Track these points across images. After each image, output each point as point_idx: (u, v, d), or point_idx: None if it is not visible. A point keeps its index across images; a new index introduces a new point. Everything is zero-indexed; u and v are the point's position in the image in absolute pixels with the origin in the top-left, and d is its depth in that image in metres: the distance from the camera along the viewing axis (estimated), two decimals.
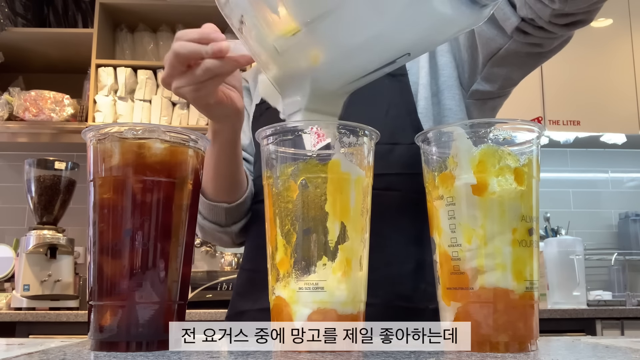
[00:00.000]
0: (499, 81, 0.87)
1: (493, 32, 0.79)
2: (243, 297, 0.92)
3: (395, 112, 0.85)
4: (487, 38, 0.80)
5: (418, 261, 0.81)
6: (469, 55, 0.87)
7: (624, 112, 2.83)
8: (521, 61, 0.83)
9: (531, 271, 0.52)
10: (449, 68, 0.91)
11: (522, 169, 0.52)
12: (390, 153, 0.82)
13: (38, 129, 2.69)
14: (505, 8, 0.75)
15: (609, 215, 3.12)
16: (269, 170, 0.55)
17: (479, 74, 0.87)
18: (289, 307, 0.51)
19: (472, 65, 0.87)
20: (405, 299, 0.80)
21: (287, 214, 0.52)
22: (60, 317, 2.08)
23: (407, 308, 0.80)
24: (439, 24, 0.48)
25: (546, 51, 0.80)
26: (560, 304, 2.33)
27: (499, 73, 0.85)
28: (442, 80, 0.90)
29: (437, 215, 0.55)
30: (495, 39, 0.79)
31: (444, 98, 0.88)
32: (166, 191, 0.54)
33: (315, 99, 0.55)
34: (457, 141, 0.53)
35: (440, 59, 0.91)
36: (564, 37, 0.78)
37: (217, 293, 2.28)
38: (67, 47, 2.80)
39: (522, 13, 0.73)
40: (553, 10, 0.68)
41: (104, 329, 0.51)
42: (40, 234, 2.30)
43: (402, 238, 0.82)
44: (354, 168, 0.53)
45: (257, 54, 0.57)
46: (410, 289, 0.81)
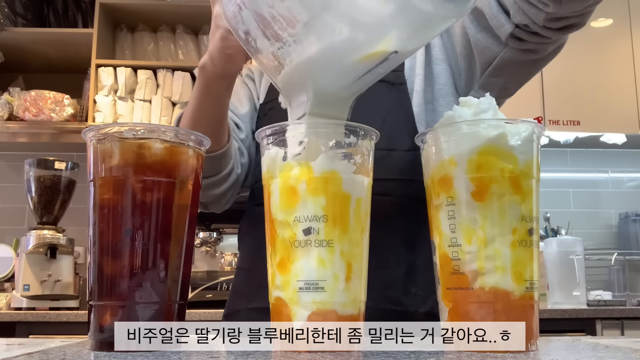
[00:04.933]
0: (495, 90, 0.87)
1: (488, 41, 0.80)
2: (238, 296, 0.93)
3: (393, 119, 0.86)
4: (483, 47, 0.81)
5: (410, 266, 0.82)
6: (466, 63, 0.88)
7: (624, 112, 2.83)
8: (517, 70, 0.83)
9: (531, 272, 0.52)
10: (445, 76, 0.91)
11: (522, 169, 0.52)
12: (386, 159, 0.83)
13: (38, 129, 2.69)
14: (499, 15, 0.75)
15: (609, 215, 3.12)
16: (269, 171, 0.55)
17: (476, 83, 0.88)
18: (288, 308, 0.51)
19: (470, 74, 0.88)
20: (395, 302, 0.81)
21: (287, 214, 0.52)
22: (60, 317, 2.08)
23: (397, 311, 0.80)
24: (422, 21, 0.49)
25: (541, 58, 0.81)
26: (560, 304, 2.33)
27: (496, 82, 0.86)
28: (437, 88, 0.91)
29: (437, 216, 0.55)
30: (491, 47, 0.80)
31: (439, 105, 0.90)
32: (166, 191, 0.54)
33: (319, 103, 0.55)
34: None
35: (435, 67, 0.92)
36: (558, 43, 0.79)
37: (217, 293, 2.28)
38: (67, 47, 2.80)
39: (516, 19, 0.73)
40: (547, 14, 0.68)
41: (104, 329, 0.51)
42: (40, 234, 2.30)
43: (395, 242, 0.83)
44: (354, 174, 0.53)
45: (261, 62, 0.58)
46: (401, 293, 0.81)
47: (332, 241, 0.51)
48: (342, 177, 0.52)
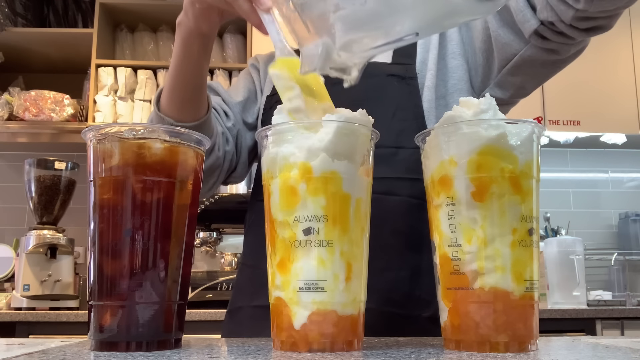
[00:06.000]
0: (512, 90, 0.86)
1: (510, 37, 0.78)
2: (242, 293, 0.92)
3: (402, 115, 0.84)
4: (504, 43, 0.80)
5: (414, 268, 0.80)
6: (484, 59, 0.86)
7: (624, 112, 2.83)
8: (536, 71, 0.82)
9: (531, 272, 0.52)
10: (460, 71, 0.89)
11: (522, 169, 0.52)
12: (393, 156, 0.81)
13: (38, 129, 2.70)
14: (525, 10, 0.74)
15: (609, 215, 3.12)
16: (269, 171, 0.55)
17: (493, 80, 0.87)
18: (288, 308, 0.51)
19: (487, 70, 0.87)
20: (398, 305, 0.79)
21: (287, 215, 0.52)
22: (60, 317, 2.08)
23: (400, 315, 0.79)
24: (450, 11, 0.48)
25: (561, 59, 0.80)
26: (560, 304, 2.33)
27: (513, 82, 0.85)
28: (452, 83, 0.89)
29: (436, 216, 0.55)
30: (512, 44, 0.79)
31: (452, 101, 0.88)
32: (166, 191, 0.54)
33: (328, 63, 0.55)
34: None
35: (451, 62, 0.90)
36: (580, 46, 0.78)
37: (217, 293, 2.28)
38: (67, 47, 2.80)
39: (542, 16, 0.72)
40: (576, 12, 0.67)
41: (104, 329, 0.51)
42: (40, 234, 2.30)
43: (400, 244, 0.81)
44: (355, 175, 0.53)
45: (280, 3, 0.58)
46: (405, 296, 0.80)
47: (332, 241, 0.51)
48: (342, 177, 0.52)
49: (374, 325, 0.68)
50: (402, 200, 0.81)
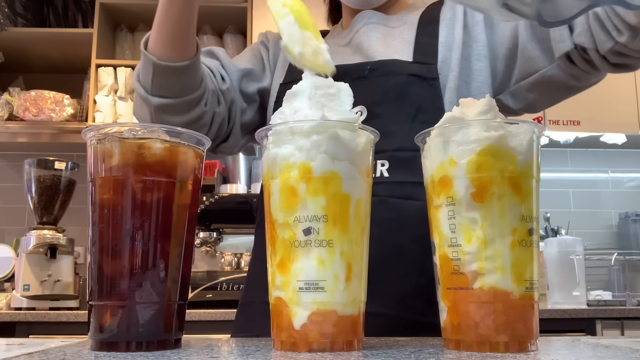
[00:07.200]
0: (523, 103, 0.86)
1: (536, 53, 0.78)
2: (254, 287, 0.90)
3: (423, 118, 0.82)
4: (529, 56, 0.79)
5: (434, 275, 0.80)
6: (505, 67, 0.86)
7: (624, 112, 2.83)
8: (551, 92, 0.82)
9: (531, 272, 0.52)
10: (484, 74, 0.87)
11: (522, 170, 0.52)
12: (413, 160, 0.78)
13: (38, 129, 2.70)
14: (563, 29, 0.73)
15: (609, 215, 3.12)
16: (269, 171, 0.55)
17: (508, 88, 0.86)
18: (288, 308, 0.51)
19: (505, 78, 0.86)
20: (418, 312, 0.77)
21: (287, 215, 0.52)
22: (60, 317, 2.08)
23: (419, 322, 0.77)
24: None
25: (577, 86, 0.79)
26: (560, 304, 2.33)
27: (527, 97, 0.84)
28: (475, 85, 0.87)
29: (436, 217, 0.55)
30: (537, 60, 0.78)
31: None
32: (166, 191, 0.54)
33: None
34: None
35: (476, 64, 0.88)
36: (599, 77, 0.78)
37: (217, 293, 2.28)
38: (67, 47, 2.80)
39: (579, 40, 0.71)
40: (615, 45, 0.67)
41: (104, 329, 0.51)
42: (40, 234, 2.30)
43: (420, 250, 0.78)
44: (354, 175, 0.53)
45: None
46: (424, 303, 0.77)
47: (332, 241, 0.51)
48: (342, 177, 0.52)
49: (394, 332, 0.68)
50: (423, 205, 0.81)
